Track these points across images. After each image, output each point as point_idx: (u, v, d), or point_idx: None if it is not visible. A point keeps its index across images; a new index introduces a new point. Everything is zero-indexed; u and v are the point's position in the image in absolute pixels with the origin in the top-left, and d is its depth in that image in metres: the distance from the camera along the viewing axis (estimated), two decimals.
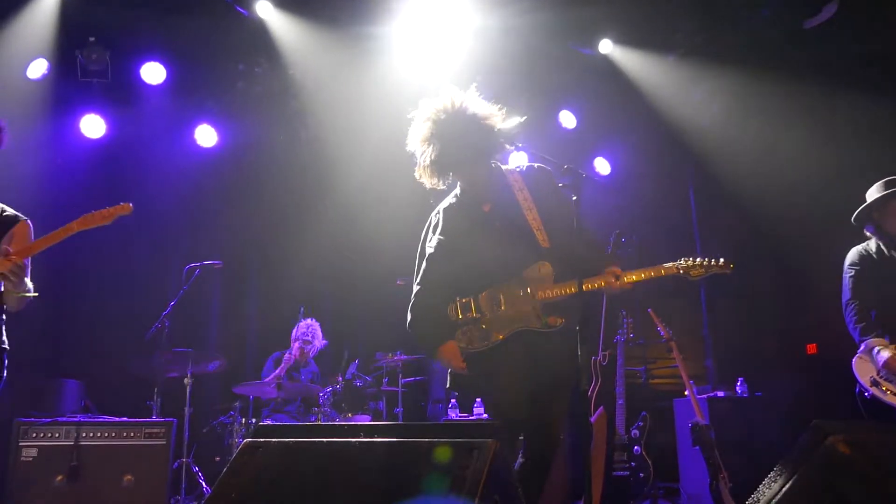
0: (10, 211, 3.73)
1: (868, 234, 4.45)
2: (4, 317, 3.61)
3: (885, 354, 4.08)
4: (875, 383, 4.20)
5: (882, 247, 4.35)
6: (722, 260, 3.25)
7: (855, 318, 4.30)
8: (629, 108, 7.45)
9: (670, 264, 3.26)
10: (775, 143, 6.75)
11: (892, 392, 4.16)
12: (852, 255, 4.44)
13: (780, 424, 5.34)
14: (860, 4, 6.02)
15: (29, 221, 3.72)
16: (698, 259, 3.26)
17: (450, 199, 3.45)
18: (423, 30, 6.51)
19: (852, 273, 4.38)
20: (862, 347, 4.24)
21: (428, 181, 3.30)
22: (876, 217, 4.37)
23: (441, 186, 3.35)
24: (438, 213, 3.46)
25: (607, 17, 6.74)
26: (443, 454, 1.94)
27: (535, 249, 3.24)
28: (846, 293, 4.39)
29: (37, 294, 3.58)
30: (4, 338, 3.58)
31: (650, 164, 7.81)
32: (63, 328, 6.90)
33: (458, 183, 3.40)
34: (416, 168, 3.30)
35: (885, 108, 5.91)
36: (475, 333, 3.22)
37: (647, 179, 7.79)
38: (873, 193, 4.39)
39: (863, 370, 4.23)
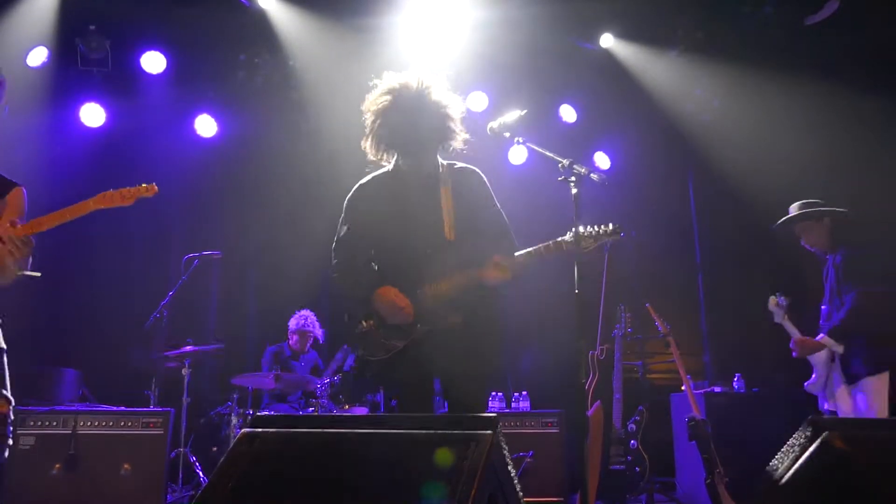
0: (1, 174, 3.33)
1: None
2: None
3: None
4: None
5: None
6: (611, 226, 3.09)
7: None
8: (630, 103, 7.44)
9: (558, 240, 3.10)
10: (775, 140, 6.75)
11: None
12: None
13: (776, 420, 5.33)
14: (861, 1, 6.02)
15: (24, 189, 3.31)
16: (588, 228, 3.09)
17: (376, 174, 3.35)
18: (424, 22, 6.51)
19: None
20: None
21: (372, 154, 3.27)
22: (797, 231, 4.71)
23: (383, 162, 3.30)
24: (361, 187, 3.39)
25: (609, 12, 6.73)
26: (440, 446, 1.94)
27: (440, 240, 3.16)
28: None
29: (39, 274, 3.20)
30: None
31: (650, 160, 7.80)
32: (61, 317, 6.89)
33: (393, 161, 3.31)
34: (364, 138, 3.24)
35: (886, 105, 5.91)
36: (373, 342, 3.15)
37: (646, 174, 7.78)
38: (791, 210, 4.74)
39: None
